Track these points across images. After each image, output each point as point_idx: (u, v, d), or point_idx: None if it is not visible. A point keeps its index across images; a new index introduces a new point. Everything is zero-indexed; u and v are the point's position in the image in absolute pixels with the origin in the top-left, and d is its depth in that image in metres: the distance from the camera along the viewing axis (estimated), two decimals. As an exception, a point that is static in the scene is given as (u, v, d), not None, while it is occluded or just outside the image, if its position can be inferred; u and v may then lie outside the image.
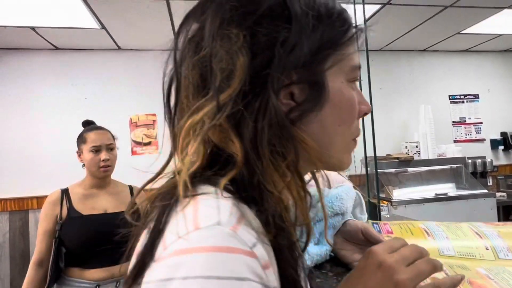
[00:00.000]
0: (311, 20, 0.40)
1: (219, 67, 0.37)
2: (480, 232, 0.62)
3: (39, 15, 2.59)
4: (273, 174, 0.37)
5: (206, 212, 0.34)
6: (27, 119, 3.18)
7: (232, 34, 0.38)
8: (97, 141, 1.61)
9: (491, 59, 4.18)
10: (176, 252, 0.31)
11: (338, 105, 0.43)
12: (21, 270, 3.08)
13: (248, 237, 0.33)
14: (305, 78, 0.40)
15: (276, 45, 0.38)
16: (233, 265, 0.30)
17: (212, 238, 0.31)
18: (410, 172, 3.36)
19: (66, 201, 1.61)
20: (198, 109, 0.38)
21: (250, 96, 0.38)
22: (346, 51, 0.43)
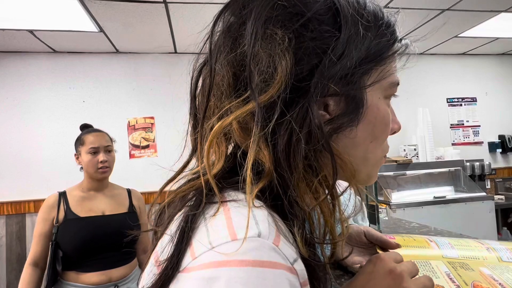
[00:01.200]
0: (360, 28, 0.37)
1: (258, 68, 0.35)
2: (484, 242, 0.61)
3: (37, 18, 2.59)
4: (305, 189, 0.35)
5: (241, 222, 0.31)
6: (25, 122, 3.17)
7: (276, 35, 0.35)
8: (95, 142, 1.61)
9: (488, 62, 4.20)
10: (211, 264, 0.29)
11: (373, 122, 0.41)
12: (18, 274, 3.05)
13: (289, 252, 0.31)
14: (345, 91, 0.37)
15: (325, 52, 0.36)
16: (275, 281, 0.28)
17: (253, 251, 0.29)
18: (408, 175, 3.36)
19: (63, 204, 1.60)
20: (229, 111, 0.36)
21: (289, 104, 0.35)
22: (389, 66, 0.41)
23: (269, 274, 0.28)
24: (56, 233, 1.55)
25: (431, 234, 0.97)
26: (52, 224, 1.57)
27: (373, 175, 0.45)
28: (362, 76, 0.38)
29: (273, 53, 0.35)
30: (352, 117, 0.38)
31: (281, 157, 0.35)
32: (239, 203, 0.34)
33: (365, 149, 0.41)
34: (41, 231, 1.57)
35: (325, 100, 0.38)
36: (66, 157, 3.16)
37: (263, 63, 0.35)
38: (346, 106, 0.38)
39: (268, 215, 0.33)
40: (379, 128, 0.42)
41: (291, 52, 0.35)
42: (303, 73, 0.36)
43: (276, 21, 0.36)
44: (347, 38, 0.36)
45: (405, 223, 1.15)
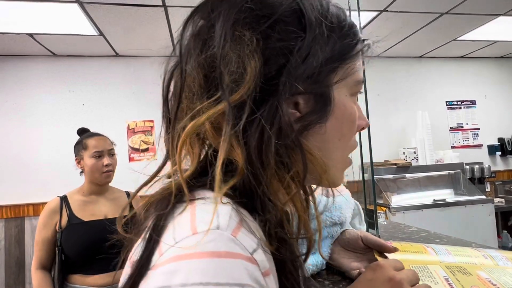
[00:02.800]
0: (324, 29, 0.39)
1: (228, 69, 0.36)
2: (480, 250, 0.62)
3: (37, 22, 2.59)
4: (278, 185, 0.36)
5: (203, 217, 0.32)
6: (24, 125, 3.17)
7: (245, 36, 0.36)
8: (99, 146, 1.62)
9: (487, 65, 4.20)
10: (173, 259, 0.30)
11: (340, 119, 0.42)
12: (16, 278, 3.04)
13: (248, 242, 0.32)
14: (313, 89, 0.39)
15: (292, 52, 0.37)
16: (233, 270, 0.29)
17: (211, 242, 0.30)
18: (408, 178, 3.36)
19: (66, 209, 1.60)
20: (201, 111, 0.37)
21: (258, 103, 0.36)
22: (353, 65, 0.42)
23: (227, 263, 0.29)
24: (61, 238, 1.55)
25: (430, 238, 0.97)
26: (55, 229, 1.57)
27: (339, 177, 0.46)
28: (328, 75, 0.40)
29: (242, 54, 0.36)
30: (321, 114, 0.39)
31: (253, 154, 0.35)
32: (206, 201, 0.35)
33: (334, 146, 0.42)
34: (44, 236, 1.56)
35: (295, 98, 0.39)
36: (65, 160, 3.16)
37: (232, 64, 0.36)
38: (315, 104, 0.39)
39: (232, 210, 0.34)
40: (346, 125, 0.43)
41: (259, 53, 0.36)
42: (271, 73, 0.37)
43: (244, 23, 0.37)
44: (312, 39, 0.38)
45: (404, 227, 1.15)
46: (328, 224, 0.69)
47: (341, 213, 0.70)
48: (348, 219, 0.71)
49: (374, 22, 2.90)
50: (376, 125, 3.66)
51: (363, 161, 1.14)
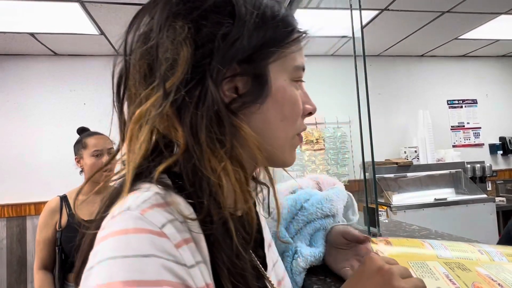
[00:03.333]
0: (255, 18, 0.42)
1: (165, 57, 0.40)
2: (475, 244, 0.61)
3: (38, 21, 2.60)
4: (210, 159, 0.39)
5: (124, 203, 0.36)
6: (26, 125, 3.18)
7: (177, 25, 0.40)
8: (98, 145, 1.61)
9: (488, 64, 4.20)
10: (96, 243, 0.34)
11: (281, 101, 0.45)
12: (18, 277, 3.05)
13: (158, 218, 0.35)
14: (248, 72, 0.42)
15: (221, 38, 0.40)
16: (138, 243, 0.32)
17: (121, 222, 0.34)
18: (409, 177, 3.36)
19: (65, 208, 1.60)
20: (145, 98, 0.40)
21: (192, 85, 0.40)
22: (291, 51, 0.46)
23: (133, 238, 0.32)
24: (60, 237, 1.55)
25: (432, 236, 0.97)
26: (55, 229, 1.57)
27: (287, 157, 0.49)
28: (263, 58, 0.43)
29: (176, 42, 0.39)
30: (257, 95, 0.43)
31: (188, 133, 0.39)
32: (139, 190, 0.38)
33: (276, 128, 0.46)
34: (45, 236, 1.56)
35: (235, 82, 0.43)
36: (66, 159, 3.16)
37: (168, 51, 0.39)
38: (251, 86, 0.43)
39: (154, 195, 0.37)
40: (287, 108, 0.46)
41: (191, 40, 0.40)
42: (202, 58, 0.40)
43: (177, 14, 0.41)
44: (240, 26, 0.41)
45: (405, 225, 1.15)
46: (319, 216, 0.69)
47: (332, 205, 0.70)
48: (340, 211, 0.71)
49: (375, 21, 2.90)
50: (377, 124, 3.66)
51: (365, 160, 1.14)
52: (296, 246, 0.66)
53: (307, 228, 0.68)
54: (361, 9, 1.11)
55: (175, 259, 0.34)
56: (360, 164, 3.45)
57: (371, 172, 1.15)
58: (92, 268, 0.32)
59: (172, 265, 0.33)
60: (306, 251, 0.65)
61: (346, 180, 3.50)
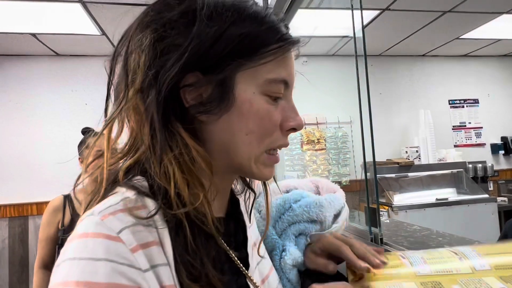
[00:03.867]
0: (216, 28, 0.41)
1: (132, 64, 0.42)
2: (456, 250, 0.61)
3: (40, 22, 2.60)
4: (155, 162, 0.41)
5: (93, 208, 0.39)
6: (28, 125, 3.19)
7: (142, 34, 0.42)
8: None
9: (490, 64, 4.19)
10: (66, 242, 0.37)
11: (246, 115, 0.44)
12: (20, 276, 3.06)
13: (115, 224, 0.37)
14: (209, 81, 0.42)
15: (181, 46, 0.41)
16: (94, 247, 0.35)
17: (83, 226, 0.37)
18: (410, 177, 3.35)
19: (69, 207, 1.61)
20: (118, 101, 0.43)
21: (147, 92, 0.41)
22: (264, 63, 0.43)
23: (90, 242, 0.35)
24: (63, 236, 1.56)
25: (433, 237, 0.97)
26: (58, 227, 1.58)
27: (255, 171, 0.47)
28: (227, 69, 0.42)
29: (139, 50, 0.42)
30: (216, 105, 0.43)
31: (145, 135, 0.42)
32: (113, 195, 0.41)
33: (242, 141, 0.45)
34: (47, 234, 1.58)
35: (200, 91, 0.43)
36: (68, 159, 3.17)
37: (135, 59, 0.42)
38: (212, 94, 0.43)
39: (122, 199, 0.40)
40: (253, 122, 0.44)
41: (151, 49, 0.42)
42: (158, 65, 0.41)
43: (145, 25, 0.43)
44: (195, 36, 0.41)
45: (407, 226, 1.15)
46: (305, 218, 0.67)
47: (320, 211, 0.67)
48: (328, 218, 0.69)
49: (376, 20, 2.89)
50: (379, 124, 3.66)
51: (366, 160, 1.14)
52: (283, 244, 0.66)
53: (291, 229, 0.67)
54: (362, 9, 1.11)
55: (129, 263, 0.35)
56: (361, 164, 3.45)
57: (372, 172, 1.15)
58: (58, 266, 0.35)
59: (125, 268, 0.35)
60: (293, 249, 0.64)
61: (348, 180, 3.50)
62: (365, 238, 0.98)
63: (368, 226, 0.98)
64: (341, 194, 0.74)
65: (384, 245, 0.90)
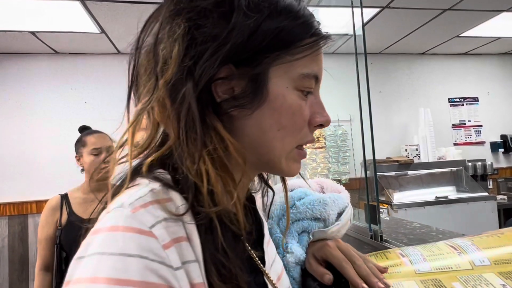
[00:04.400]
0: (255, 20, 0.40)
1: (162, 54, 0.40)
2: (455, 244, 0.60)
3: (39, 20, 2.60)
4: (188, 158, 0.39)
5: (120, 199, 0.37)
6: (27, 123, 3.19)
7: (175, 23, 0.40)
8: (97, 143, 1.62)
9: (490, 62, 4.19)
10: (90, 233, 0.35)
11: (279, 110, 0.43)
12: (20, 274, 3.07)
13: (148, 217, 0.35)
14: (244, 74, 0.41)
15: (216, 37, 0.40)
16: (125, 242, 0.33)
17: (112, 219, 0.35)
18: (410, 175, 3.35)
19: (66, 206, 1.61)
20: (146, 93, 0.41)
21: (179, 83, 0.40)
22: (299, 57, 0.42)
23: (120, 236, 0.33)
24: (60, 235, 1.56)
25: (433, 234, 0.97)
26: (56, 227, 1.58)
27: (284, 168, 0.46)
28: (262, 63, 0.41)
29: (171, 39, 0.40)
30: (249, 99, 0.41)
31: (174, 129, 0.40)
32: (137, 186, 0.39)
33: (273, 137, 0.44)
34: (47, 234, 1.57)
35: (232, 84, 0.42)
36: (68, 158, 3.16)
37: (165, 48, 0.40)
38: (245, 88, 0.41)
39: (150, 191, 0.38)
40: (285, 117, 0.43)
41: (184, 38, 0.40)
42: (193, 57, 0.40)
43: (178, 13, 0.41)
44: (234, 27, 0.40)
45: (406, 223, 1.15)
46: (308, 216, 0.67)
47: (324, 209, 0.67)
48: (332, 216, 0.69)
49: (376, 18, 2.89)
50: (378, 122, 3.66)
51: (366, 158, 1.14)
52: (286, 242, 0.66)
53: (294, 226, 0.67)
54: (362, 7, 1.11)
55: (161, 260, 0.34)
56: (361, 162, 3.45)
57: (372, 170, 1.15)
58: (81, 258, 0.33)
59: (157, 266, 0.33)
60: (295, 247, 0.64)
61: (347, 178, 3.50)
62: (365, 235, 0.98)
63: (368, 224, 0.98)
64: (346, 194, 0.74)
65: (384, 242, 0.90)
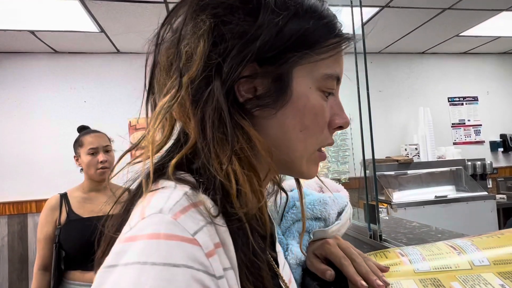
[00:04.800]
0: (282, 18, 0.39)
1: (185, 50, 0.39)
2: (454, 244, 0.60)
3: (38, 19, 2.59)
4: (216, 158, 0.37)
5: (154, 203, 0.35)
6: (26, 122, 3.18)
7: (200, 19, 0.39)
8: (94, 143, 1.63)
9: (489, 61, 4.18)
10: (123, 240, 0.32)
11: (302, 110, 0.42)
12: (20, 274, 3.07)
13: (190, 224, 0.33)
14: (268, 73, 0.40)
15: (243, 35, 0.39)
16: (169, 251, 0.30)
17: (152, 225, 0.32)
18: (409, 175, 3.35)
19: (65, 205, 1.61)
20: (167, 91, 0.40)
21: (204, 81, 0.39)
22: (321, 57, 0.42)
23: (163, 244, 0.31)
24: (59, 234, 1.56)
25: (432, 233, 0.97)
26: (55, 226, 1.58)
27: (304, 170, 0.45)
28: (287, 62, 0.40)
29: (195, 36, 0.39)
30: (273, 99, 0.40)
31: (198, 128, 0.38)
32: (165, 189, 0.37)
33: (295, 137, 0.43)
34: (46, 234, 1.58)
35: (255, 83, 0.41)
36: (67, 157, 3.16)
37: (189, 45, 0.39)
38: (269, 88, 0.40)
39: (184, 195, 0.36)
40: (308, 118, 0.42)
41: (210, 35, 0.39)
42: (219, 55, 0.39)
43: (204, 9, 0.40)
44: (262, 25, 0.39)
45: (406, 222, 1.15)
46: (309, 216, 0.67)
47: (324, 209, 0.67)
48: (332, 215, 0.69)
49: (375, 17, 2.89)
50: (378, 121, 3.66)
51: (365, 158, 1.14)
52: (287, 243, 0.66)
53: (295, 226, 0.67)
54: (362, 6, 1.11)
55: (205, 269, 0.32)
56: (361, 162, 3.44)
57: (372, 169, 1.15)
58: (114, 267, 0.30)
59: (202, 276, 0.31)
60: (295, 248, 0.64)
61: (347, 177, 3.50)
62: (364, 234, 0.98)
63: (367, 223, 0.98)
64: (345, 193, 0.74)
65: (383, 242, 0.90)
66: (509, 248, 0.56)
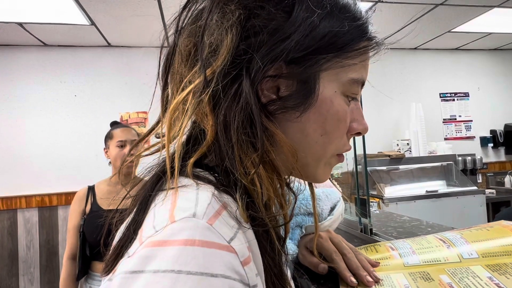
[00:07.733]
0: (315, 18, 0.37)
1: (209, 40, 0.37)
2: (444, 237, 0.61)
3: (27, 11, 2.54)
4: (242, 161, 0.35)
5: (183, 205, 0.32)
6: (15, 116, 3.13)
7: (228, 9, 0.37)
8: (122, 136, 1.71)
9: (481, 57, 4.22)
10: (150, 244, 0.30)
11: (325, 115, 0.40)
12: (10, 270, 3.03)
13: (225, 230, 0.31)
14: (295, 75, 0.38)
15: (273, 32, 0.36)
16: (206, 259, 0.28)
17: (186, 231, 0.29)
18: (401, 170, 3.38)
19: (91, 197, 1.70)
20: (188, 82, 0.38)
21: (229, 78, 0.36)
22: (352, 61, 0.40)
23: (200, 252, 0.28)
24: (83, 224, 1.64)
25: (422, 227, 0.98)
26: (81, 216, 1.67)
27: (320, 173, 0.44)
28: (315, 64, 0.38)
29: (222, 26, 0.36)
30: (299, 102, 0.38)
31: (220, 127, 0.36)
32: (188, 188, 0.35)
33: (315, 142, 0.41)
34: (74, 223, 1.66)
35: (278, 82, 0.39)
36: (57, 152, 3.13)
37: (214, 35, 0.36)
38: (295, 90, 0.38)
39: (212, 196, 0.34)
40: (330, 123, 0.41)
41: (239, 28, 0.36)
42: (247, 50, 0.36)
43: None
44: (294, 22, 0.36)
45: (396, 216, 1.16)
46: (302, 211, 0.68)
47: (318, 204, 0.68)
48: (325, 211, 0.70)
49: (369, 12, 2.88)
50: (370, 117, 3.67)
51: (357, 153, 1.14)
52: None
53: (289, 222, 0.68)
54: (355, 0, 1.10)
55: (241, 278, 0.30)
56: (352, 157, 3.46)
57: (363, 164, 1.16)
58: (139, 273, 0.28)
59: (238, 285, 0.29)
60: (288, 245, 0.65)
61: (339, 172, 3.51)
62: (355, 228, 0.99)
63: (358, 217, 0.99)
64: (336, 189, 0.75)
65: (373, 236, 0.90)
66: (497, 240, 0.57)
